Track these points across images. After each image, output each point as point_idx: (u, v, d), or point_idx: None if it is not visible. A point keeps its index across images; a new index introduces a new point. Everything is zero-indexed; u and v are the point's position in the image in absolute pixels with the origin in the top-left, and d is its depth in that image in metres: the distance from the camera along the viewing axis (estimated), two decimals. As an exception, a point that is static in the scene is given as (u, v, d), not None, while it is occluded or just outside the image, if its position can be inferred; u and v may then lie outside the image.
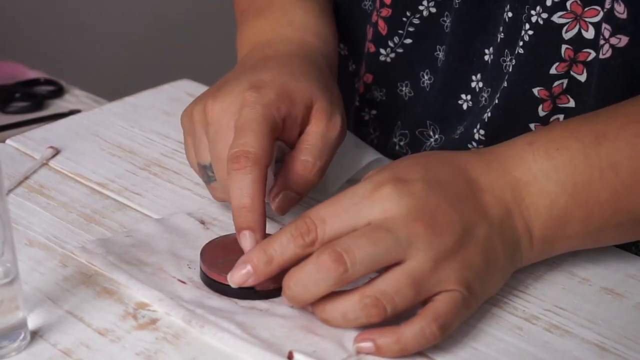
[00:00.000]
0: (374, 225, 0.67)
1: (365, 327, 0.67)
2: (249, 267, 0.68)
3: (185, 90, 1.02)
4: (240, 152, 0.72)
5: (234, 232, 0.76)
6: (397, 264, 0.67)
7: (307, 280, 0.66)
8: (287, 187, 0.76)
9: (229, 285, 0.71)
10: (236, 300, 0.71)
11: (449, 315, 0.67)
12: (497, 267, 0.70)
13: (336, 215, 0.68)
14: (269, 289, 0.71)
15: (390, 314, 0.66)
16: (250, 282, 0.69)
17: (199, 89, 1.01)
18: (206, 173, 0.79)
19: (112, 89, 1.30)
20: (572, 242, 0.73)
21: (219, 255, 0.73)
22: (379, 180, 0.69)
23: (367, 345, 0.66)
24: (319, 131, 0.77)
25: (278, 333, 0.68)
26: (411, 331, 0.66)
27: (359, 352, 0.66)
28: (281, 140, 0.77)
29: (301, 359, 0.65)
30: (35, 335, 0.68)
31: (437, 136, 0.91)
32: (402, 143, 0.94)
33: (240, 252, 0.73)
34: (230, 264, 0.72)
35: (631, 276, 0.76)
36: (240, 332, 0.67)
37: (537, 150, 0.72)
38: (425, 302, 0.67)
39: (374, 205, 0.67)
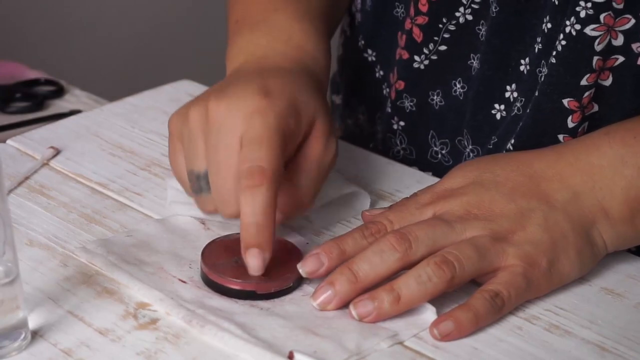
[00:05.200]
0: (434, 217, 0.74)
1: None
2: (322, 257, 0.71)
3: (186, 90, 1.02)
4: (255, 168, 0.70)
5: (235, 232, 0.76)
6: None
7: (373, 257, 0.70)
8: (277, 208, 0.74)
9: (229, 287, 0.71)
10: (237, 299, 0.71)
11: (511, 286, 0.70)
12: (567, 243, 0.72)
13: (402, 218, 0.74)
14: (269, 291, 0.71)
15: (458, 274, 0.69)
16: (321, 272, 0.71)
17: (199, 89, 1.01)
18: (198, 183, 0.75)
19: (112, 89, 1.30)
20: None
21: (220, 256, 0.73)
22: (438, 192, 0.75)
23: (447, 324, 0.68)
24: (316, 155, 0.76)
25: (278, 333, 0.68)
26: (477, 300, 0.69)
27: (441, 334, 0.68)
28: None
29: (302, 359, 0.65)
30: (35, 335, 0.68)
31: (471, 146, 0.91)
32: (444, 152, 0.94)
33: (242, 253, 0.73)
34: (231, 265, 0.72)
35: (631, 276, 0.76)
36: (240, 332, 0.67)
37: (614, 138, 0.75)
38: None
39: (435, 208, 0.74)
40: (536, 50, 0.84)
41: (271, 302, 0.71)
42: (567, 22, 0.80)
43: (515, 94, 0.87)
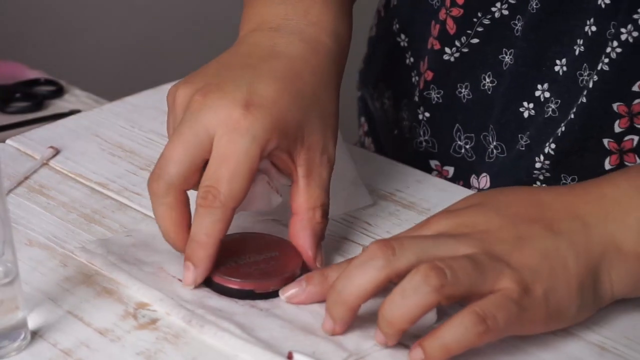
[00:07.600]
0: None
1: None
2: (303, 282, 0.71)
3: (186, 90, 1.02)
4: (211, 189, 0.70)
5: (235, 232, 0.76)
6: None
7: (354, 270, 0.66)
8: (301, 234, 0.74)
9: (228, 287, 0.71)
10: (236, 300, 0.71)
11: (501, 310, 0.64)
12: (567, 274, 0.67)
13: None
14: (268, 291, 0.71)
15: (450, 281, 0.64)
16: (301, 297, 0.70)
17: (199, 89, 1.01)
18: None
19: (112, 89, 1.30)
20: None
21: (219, 256, 0.73)
22: (435, 215, 0.72)
23: (417, 353, 0.64)
24: (308, 169, 0.74)
25: (278, 333, 0.68)
26: (450, 327, 0.64)
27: None
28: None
29: (301, 359, 0.65)
30: (35, 335, 0.68)
31: (495, 143, 0.89)
32: (467, 146, 0.92)
33: (241, 253, 0.73)
34: (230, 265, 0.72)
35: (631, 276, 0.76)
36: (240, 332, 0.67)
37: (629, 171, 0.72)
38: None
39: (430, 228, 0.70)
40: (577, 52, 0.83)
41: (270, 303, 0.71)
42: (624, 30, 0.79)
43: (547, 94, 0.86)
